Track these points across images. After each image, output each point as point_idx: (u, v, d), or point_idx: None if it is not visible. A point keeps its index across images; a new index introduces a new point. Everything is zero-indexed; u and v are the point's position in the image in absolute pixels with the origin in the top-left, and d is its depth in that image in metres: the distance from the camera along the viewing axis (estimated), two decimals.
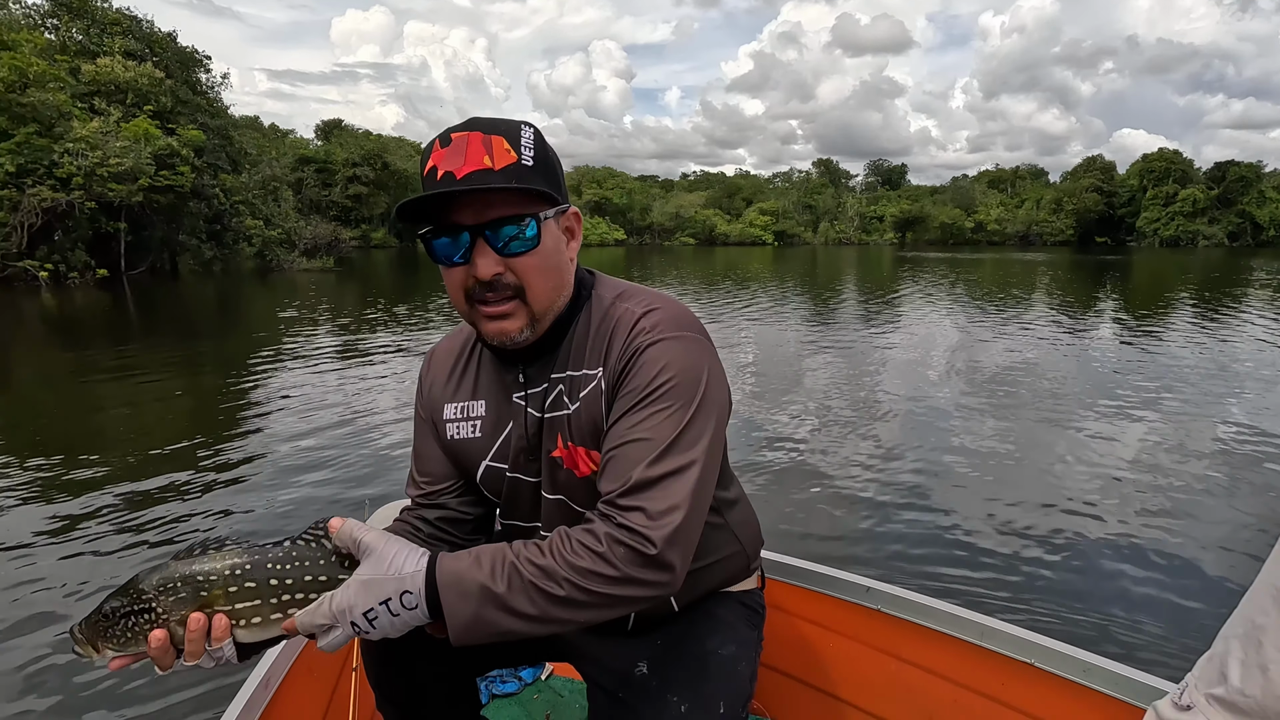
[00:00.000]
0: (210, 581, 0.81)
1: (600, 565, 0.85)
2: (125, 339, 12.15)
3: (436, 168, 0.92)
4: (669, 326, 0.98)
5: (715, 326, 12.58)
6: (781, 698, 1.78)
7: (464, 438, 1.11)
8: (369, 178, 63.35)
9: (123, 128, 22.96)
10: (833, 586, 1.63)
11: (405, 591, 0.83)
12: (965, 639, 1.47)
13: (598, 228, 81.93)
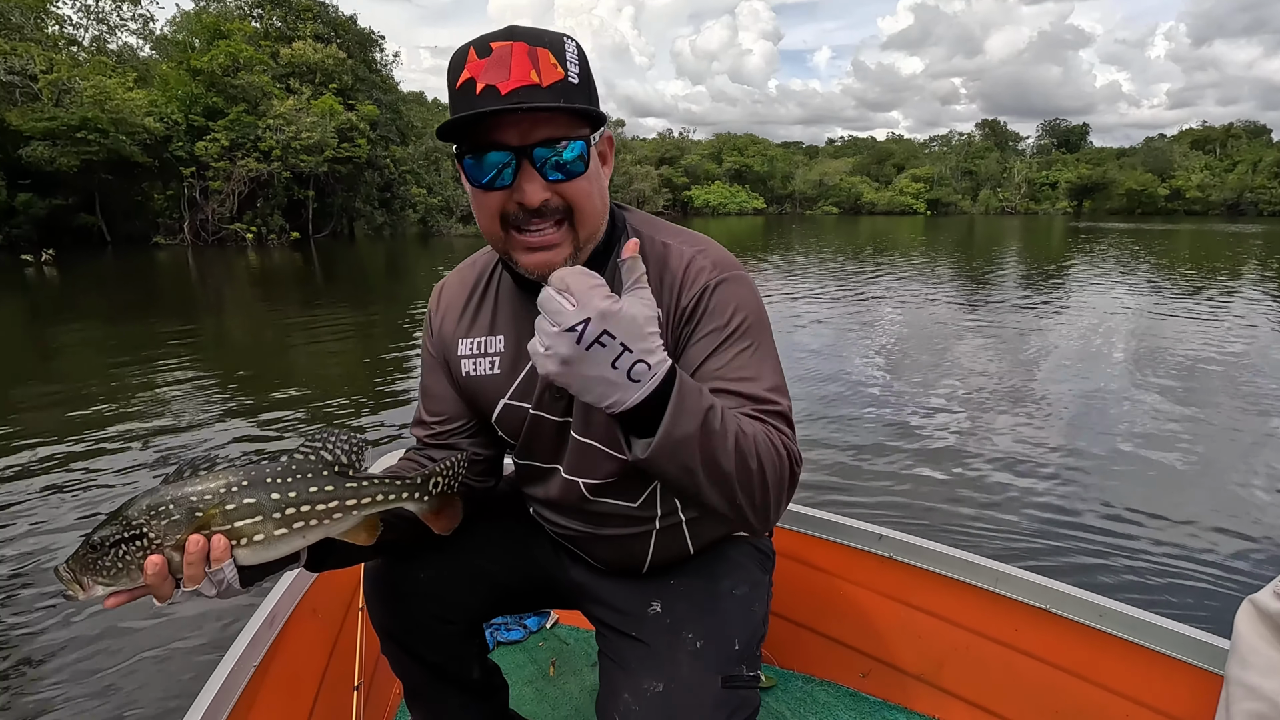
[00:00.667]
0: (205, 500, 0.75)
1: (781, 463, 0.84)
2: (312, 292, 13.80)
3: (475, 80, 0.82)
4: (726, 266, 0.98)
5: (852, 299, 12.15)
6: (791, 645, 1.77)
7: (480, 374, 1.06)
8: None
9: (312, 105, 25.65)
10: (844, 535, 1.62)
11: (642, 362, 0.73)
12: (979, 585, 1.45)
13: (737, 196, 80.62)
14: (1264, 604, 0.82)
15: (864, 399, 5.74)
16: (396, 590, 1.13)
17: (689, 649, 0.98)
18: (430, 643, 1.17)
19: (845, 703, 1.65)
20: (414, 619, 1.15)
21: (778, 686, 1.73)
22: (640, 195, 73.06)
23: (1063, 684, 1.38)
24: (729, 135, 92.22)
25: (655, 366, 0.74)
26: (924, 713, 1.58)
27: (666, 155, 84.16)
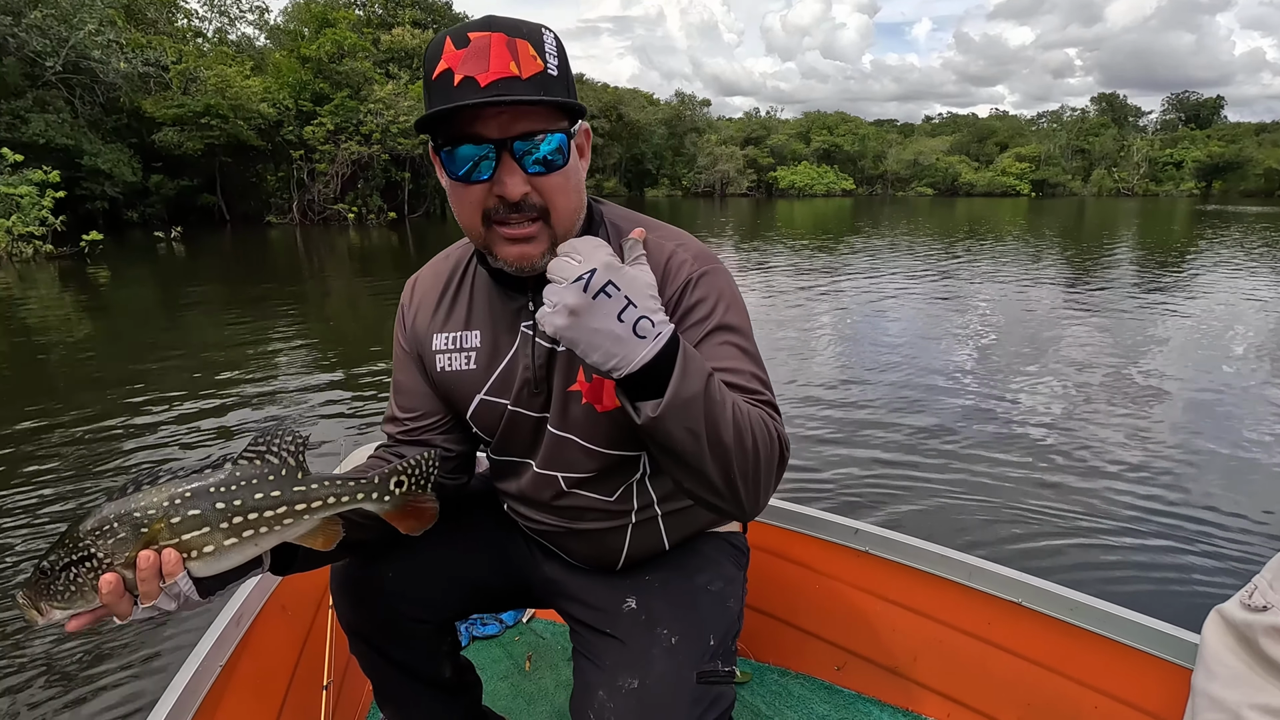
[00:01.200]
0: (149, 515, 0.74)
1: (772, 446, 0.84)
2: (406, 268, 14.42)
3: (453, 71, 0.82)
4: (706, 259, 0.99)
5: (943, 283, 11.66)
6: (767, 639, 1.77)
7: (456, 370, 1.04)
8: (604, 129, 66.62)
9: (410, 89, 26.67)
10: (821, 529, 1.62)
11: (645, 318, 0.75)
12: (953, 579, 1.46)
13: (824, 176, 78.22)
14: (1231, 614, 0.81)
15: (938, 387, 5.56)
16: (365, 589, 1.11)
17: (664, 645, 0.97)
18: (400, 642, 1.15)
19: (820, 695, 1.66)
20: (383, 618, 1.12)
21: (754, 680, 1.73)
22: (724, 177, 72.11)
23: (1035, 677, 1.39)
24: (818, 114, 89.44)
25: (659, 325, 0.76)
26: (898, 705, 1.59)
27: (752, 135, 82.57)
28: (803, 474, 3.88)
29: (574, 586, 1.15)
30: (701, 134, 76.55)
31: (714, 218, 33.45)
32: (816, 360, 6.51)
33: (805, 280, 11.71)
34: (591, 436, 1.01)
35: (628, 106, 68.14)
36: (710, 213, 39.00)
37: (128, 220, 22.82)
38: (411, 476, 0.88)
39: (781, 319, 8.46)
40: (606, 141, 67.64)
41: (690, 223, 28.78)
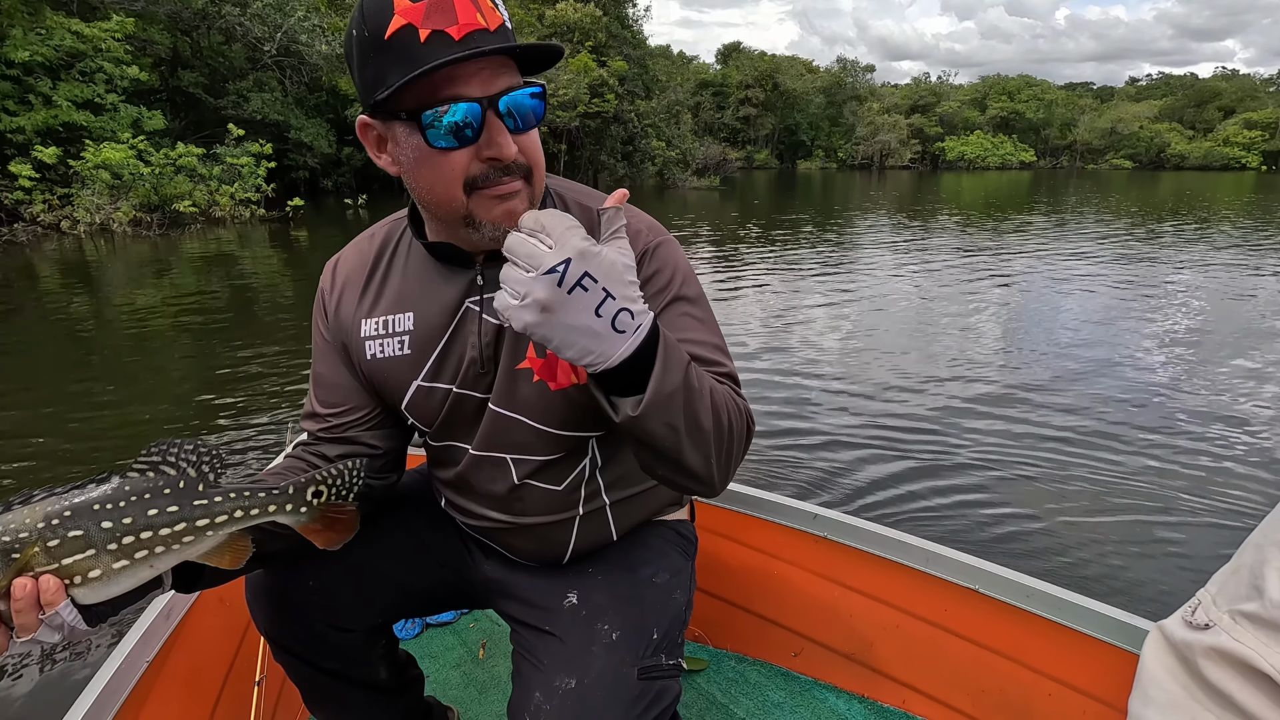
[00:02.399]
0: (21, 539, 0.65)
1: (742, 424, 0.82)
2: None
3: (415, 27, 0.74)
4: (658, 230, 0.96)
5: (1135, 268, 10.32)
6: (723, 624, 1.76)
7: (389, 356, 0.96)
8: (759, 99, 65.10)
9: (569, 63, 27.48)
10: (779, 514, 1.61)
11: (625, 309, 0.67)
12: (910, 565, 1.45)
13: (1000, 147, 71.48)
14: (1171, 632, 0.74)
15: (1113, 383, 4.96)
16: (283, 599, 1.03)
17: (604, 641, 0.92)
18: (326, 652, 1.07)
19: (776, 682, 1.65)
20: (305, 629, 1.04)
21: (710, 667, 1.71)
22: (885, 148, 67.98)
23: (989, 663, 1.39)
24: (998, 77, 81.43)
25: (639, 316, 0.69)
26: (854, 692, 1.59)
27: (920, 102, 76.98)
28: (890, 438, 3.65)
29: (514, 584, 1.09)
30: (863, 102, 72.52)
31: (870, 192, 31.73)
32: (938, 347, 6.05)
33: (967, 261, 10.85)
34: (542, 417, 0.95)
35: (784, 75, 65.93)
36: (866, 186, 36.98)
37: (323, 188, 25.54)
38: (332, 487, 0.80)
39: (936, 300, 7.93)
40: (760, 112, 66.05)
41: (844, 198, 27.50)
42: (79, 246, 12.61)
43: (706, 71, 68.62)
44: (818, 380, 5.20)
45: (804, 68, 72.64)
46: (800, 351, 5.98)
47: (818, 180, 45.29)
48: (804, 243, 13.27)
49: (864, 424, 4.31)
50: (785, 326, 6.89)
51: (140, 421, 4.49)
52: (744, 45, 70.95)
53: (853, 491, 3.46)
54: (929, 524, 3.16)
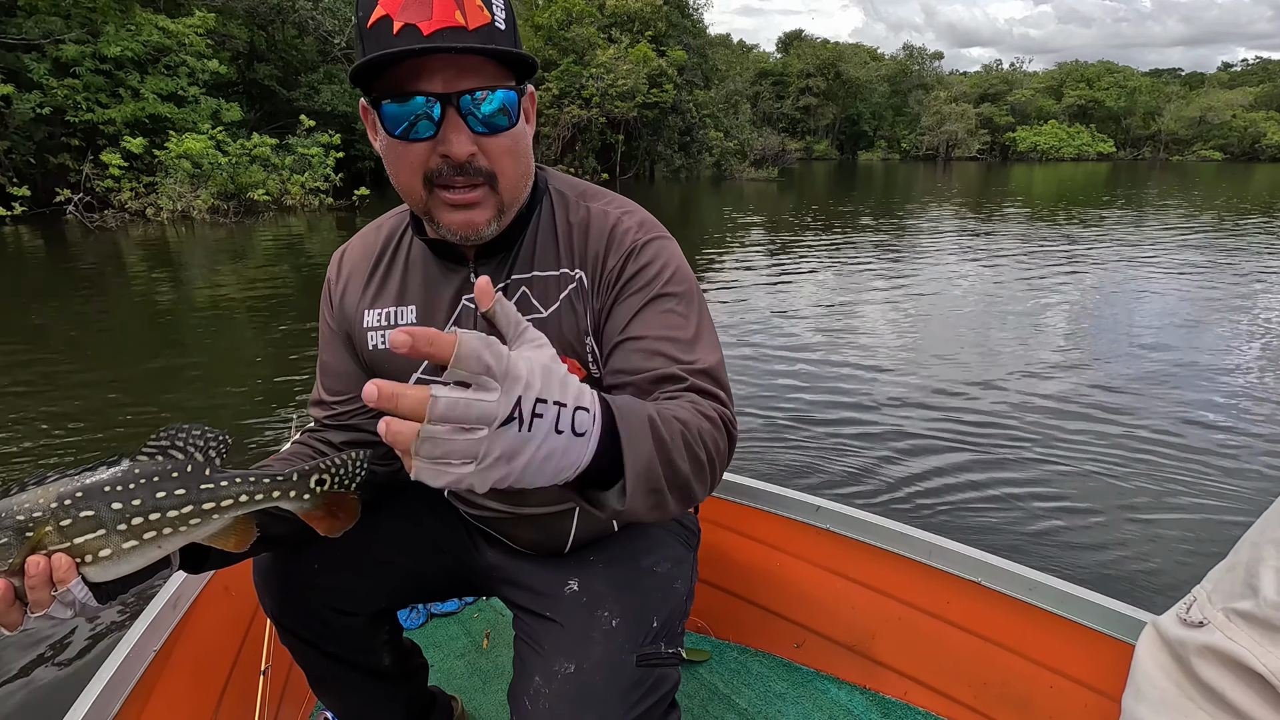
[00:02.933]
0: (34, 518, 0.67)
1: (718, 436, 0.77)
2: None
3: (391, 19, 0.76)
4: (652, 227, 0.95)
5: (1217, 270, 9.68)
6: (725, 615, 1.76)
7: (390, 348, 0.80)
8: (820, 88, 63.71)
9: (629, 53, 27.46)
10: (782, 506, 1.62)
11: (581, 408, 0.58)
12: (913, 558, 1.46)
13: (1076, 137, 68.20)
14: (1166, 629, 0.73)
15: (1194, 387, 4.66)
16: (288, 583, 1.04)
17: (604, 628, 0.93)
18: (330, 636, 1.08)
19: (779, 673, 1.66)
20: (310, 612, 1.06)
21: (713, 658, 1.72)
22: (951, 138, 65.66)
23: (991, 655, 1.39)
24: (1076, 64, 77.59)
25: (590, 406, 0.60)
26: (855, 683, 1.59)
27: (990, 91, 74.04)
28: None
29: (516, 572, 1.10)
30: (929, 91, 70.15)
31: (933, 184, 30.73)
32: (1001, 347, 5.79)
33: (1036, 257, 10.39)
34: None
35: (847, 63, 64.33)
36: (930, 178, 35.82)
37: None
38: (335, 476, 0.80)
39: (999, 297, 7.62)
40: (820, 102, 64.69)
41: (906, 190, 26.71)
42: (161, 233, 13.31)
43: (766, 61, 67.51)
44: (869, 373, 5.09)
45: (868, 55, 70.68)
46: (853, 344, 5.85)
47: (879, 171, 44.04)
48: (862, 235, 12.96)
49: (913, 418, 4.21)
50: (839, 319, 6.76)
51: (216, 397, 4.69)
52: (806, 33, 69.46)
53: (895, 484, 3.40)
54: (970, 519, 3.10)
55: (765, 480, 1.67)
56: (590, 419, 0.60)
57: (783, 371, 5.16)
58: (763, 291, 8.09)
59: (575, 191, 1.00)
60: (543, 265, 0.95)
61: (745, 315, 6.95)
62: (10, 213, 14.29)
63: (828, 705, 1.56)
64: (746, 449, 3.79)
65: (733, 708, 1.58)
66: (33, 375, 5.09)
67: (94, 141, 15.39)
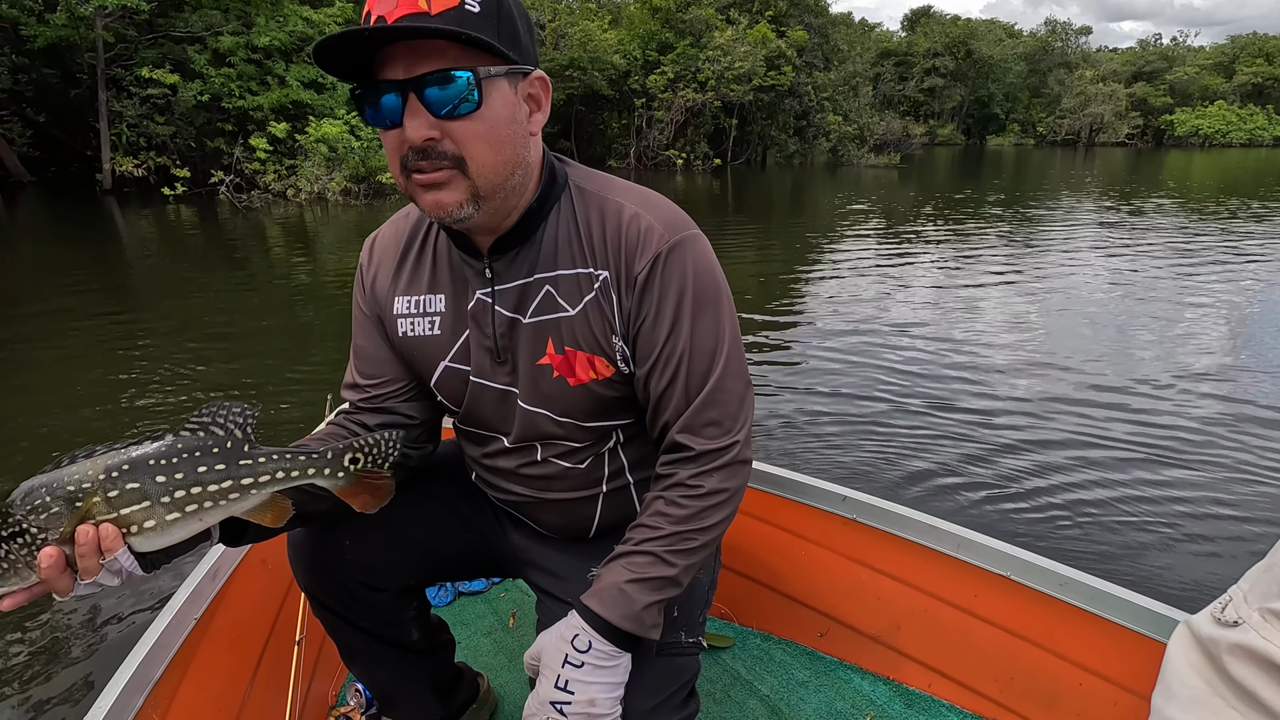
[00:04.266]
0: (83, 489, 0.70)
1: (710, 500, 0.91)
2: (722, 213, 14.70)
3: (371, 13, 0.79)
4: (678, 227, 0.93)
5: None
6: (749, 603, 1.78)
7: (419, 335, 1.01)
8: (947, 68, 59.87)
9: (747, 34, 26.67)
10: (809, 495, 1.62)
11: (575, 642, 0.89)
12: (940, 550, 1.45)
13: (1249, 120, 60.56)
14: (1199, 628, 0.75)
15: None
16: (320, 557, 1.09)
17: None
18: (360, 610, 1.13)
19: (802, 661, 1.67)
20: (340, 586, 1.10)
21: (736, 644, 1.74)
22: (1096, 122, 59.97)
23: (1018, 650, 1.38)
24: (1253, 37, 68.67)
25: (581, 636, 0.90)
26: (879, 673, 1.60)
27: (1145, 69, 66.99)
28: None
29: (541, 556, 1.14)
30: (1073, 69, 64.40)
31: (1070, 171, 28.01)
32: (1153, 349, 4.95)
33: (1188, 256, 9.08)
34: (565, 410, 0.98)
35: (980, 41, 60.01)
36: (1067, 165, 32.74)
37: None
38: (368, 454, 0.84)
39: (1138, 299, 6.65)
40: (947, 83, 60.82)
41: (1039, 177, 24.47)
42: (300, 213, 14.16)
43: (890, 40, 64.12)
44: (977, 374, 4.73)
45: (1004, 32, 65.70)
46: (966, 343, 5.41)
47: (1010, 157, 40.79)
48: (989, 225, 11.89)
49: (1016, 424, 3.92)
50: (954, 315, 6.25)
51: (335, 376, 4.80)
52: (934, 10, 65.31)
53: (987, 486, 3.25)
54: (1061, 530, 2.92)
55: (794, 469, 1.67)
56: (590, 636, 0.90)
57: (883, 365, 4.90)
58: (870, 282, 7.67)
59: (597, 186, 0.98)
60: (565, 264, 0.95)
61: (849, 307, 6.61)
62: (173, 192, 15.67)
63: (850, 694, 1.56)
64: (826, 440, 3.72)
65: (755, 694, 1.59)
66: (180, 338, 5.47)
67: (244, 127, 16.59)
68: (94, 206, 14.95)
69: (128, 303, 6.87)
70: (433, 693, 1.31)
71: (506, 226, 0.93)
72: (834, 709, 1.53)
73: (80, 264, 8.78)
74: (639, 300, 0.92)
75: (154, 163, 16.51)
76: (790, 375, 4.73)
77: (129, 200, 15.76)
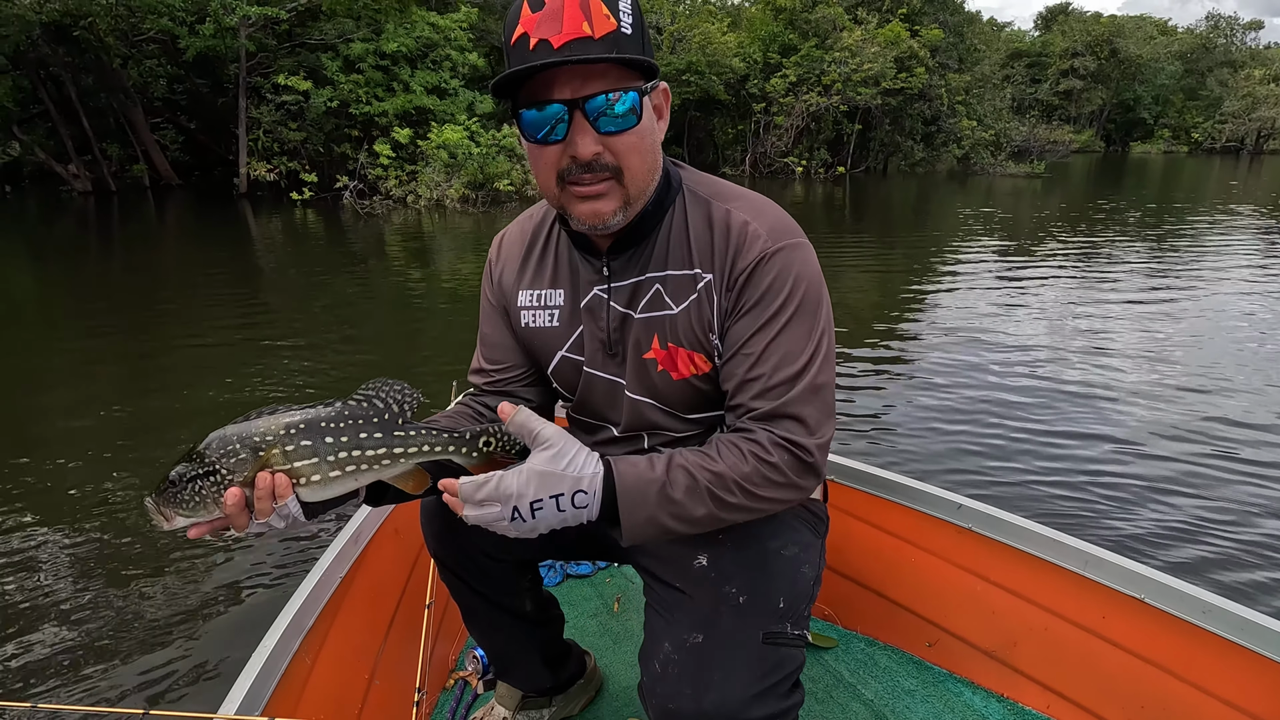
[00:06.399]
0: (267, 441, 0.82)
1: (771, 472, 0.90)
2: (839, 227, 13.43)
3: (529, 35, 0.84)
4: (784, 234, 0.96)
5: None
6: (853, 606, 1.76)
7: (540, 326, 1.09)
8: (1088, 69, 54.86)
9: (877, 34, 24.95)
10: (920, 501, 1.61)
11: (579, 491, 0.86)
12: (1065, 566, 1.41)
13: None
14: None
15: None
16: (447, 524, 1.19)
17: (731, 603, 0.99)
18: (480, 576, 1.24)
19: (908, 670, 1.63)
20: (463, 551, 1.21)
21: (839, 647, 1.72)
22: (1264, 127, 53.27)
23: (1150, 678, 1.32)
24: None
25: (588, 485, 0.86)
26: (992, 690, 1.55)
27: None
28: None
29: (650, 542, 1.12)
30: (1238, 69, 57.64)
31: (1223, 181, 24.48)
32: None
33: None
34: (670, 402, 1.04)
35: (1127, 39, 54.66)
36: (1223, 175, 28.74)
37: None
38: (499, 440, 0.93)
39: None
40: (1087, 85, 55.73)
41: (1187, 189, 21.33)
42: (418, 219, 14.04)
43: (1021, 39, 59.68)
44: (1105, 403, 4.29)
45: (1155, 29, 59.76)
46: (1093, 368, 4.93)
47: (1158, 166, 36.51)
48: (1140, 240, 10.06)
49: (1145, 454, 3.60)
50: (1083, 338, 5.70)
51: (447, 369, 4.84)
52: (1074, 7, 60.17)
53: (1104, 509, 3.07)
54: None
55: (905, 474, 1.65)
56: (590, 497, 0.87)
57: (1004, 384, 4.63)
58: (991, 298, 7.11)
59: (709, 191, 1.02)
60: (675, 264, 1.00)
61: (973, 321, 6.21)
62: (301, 197, 16.00)
63: (961, 709, 1.52)
64: (934, 446, 3.67)
65: (858, 697, 1.57)
66: (301, 339, 5.73)
67: (369, 133, 16.77)
68: (230, 209, 15.52)
69: (257, 300, 7.28)
70: (543, 662, 1.40)
71: (622, 223, 0.96)
72: None
73: (215, 262, 9.52)
74: (736, 298, 0.96)
75: (285, 167, 16.96)
76: (907, 386, 4.59)
77: (261, 203, 16.28)
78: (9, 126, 17.28)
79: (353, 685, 1.33)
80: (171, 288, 7.87)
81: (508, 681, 1.43)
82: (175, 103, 20.70)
